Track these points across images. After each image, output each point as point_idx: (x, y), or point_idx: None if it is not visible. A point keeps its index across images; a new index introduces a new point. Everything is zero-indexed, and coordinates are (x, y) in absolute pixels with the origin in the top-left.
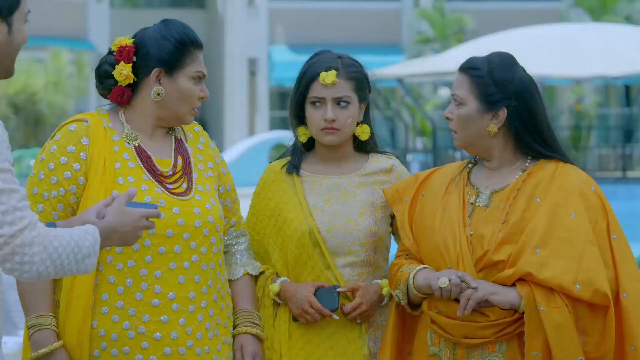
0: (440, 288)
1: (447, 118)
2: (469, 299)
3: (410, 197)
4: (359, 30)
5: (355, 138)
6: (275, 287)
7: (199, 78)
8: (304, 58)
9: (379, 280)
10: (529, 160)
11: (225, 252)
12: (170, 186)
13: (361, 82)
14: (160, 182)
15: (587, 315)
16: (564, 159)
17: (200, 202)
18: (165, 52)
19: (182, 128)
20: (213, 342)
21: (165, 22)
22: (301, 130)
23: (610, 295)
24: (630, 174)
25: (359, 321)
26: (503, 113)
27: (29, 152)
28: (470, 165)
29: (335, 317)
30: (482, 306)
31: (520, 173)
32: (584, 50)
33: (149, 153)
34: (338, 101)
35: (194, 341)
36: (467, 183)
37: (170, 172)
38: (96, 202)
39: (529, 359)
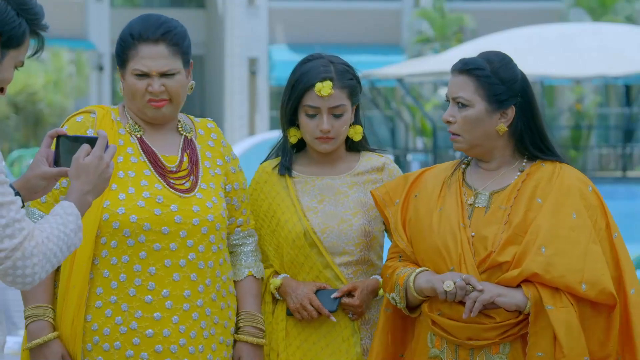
0: (446, 291)
1: (448, 122)
2: (475, 302)
3: (402, 198)
4: (359, 30)
5: (347, 138)
6: (277, 281)
7: (139, 75)
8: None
9: (379, 277)
10: (525, 161)
11: (231, 252)
12: (173, 182)
13: (354, 88)
14: (163, 177)
15: (590, 316)
16: (560, 159)
17: (201, 200)
18: (116, 48)
19: (193, 125)
20: (208, 341)
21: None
22: (292, 131)
23: (616, 295)
24: (631, 173)
25: (350, 316)
26: (512, 111)
27: (29, 152)
28: (463, 166)
29: (333, 319)
30: (487, 308)
31: (519, 173)
32: (584, 50)
33: (154, 149)
34: (333, 110)
35: (187, 339)
36: (463, 184)
37: (175, 169)
38: (101, 196)
39: (530, 359)
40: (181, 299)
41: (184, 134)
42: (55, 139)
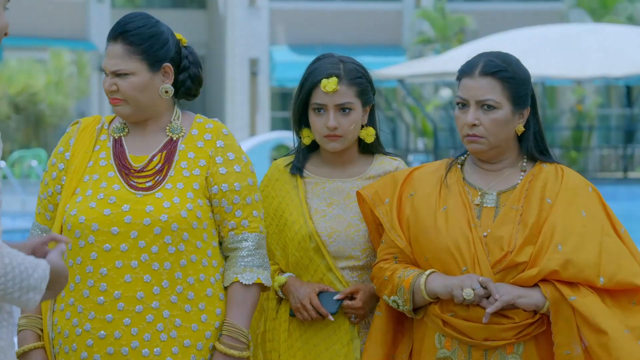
0: (465, 299)
1: (474, 125)
2: (494, 303)
3: (393, 197)
4: (360, 31)
5: (360, 140)
6: (281, 278)
7: (109, 72)
8: (305, 58)
9: None
10: (525, 162)
11: (227, 257)
12: (134, 182)
13: (364, 87)
14: (126, 177)
15: (611, 306)
16: (556, 160)
17: (159, 199)
18: None
19: (191, 124)
20: (167, 344)
21: None
22: (305, 132)
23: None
24: (632, 174)
25: (352, 319)
26: (527, 112)
27: (30, 152)
28: (459, 165)
29: (332, 318)
30: (505, 308)
31: (522, 173)
32: (585, 51)
33: (126, 148)
34: (340, 108)
35: (140, 342)
36: (465, 183)
37: (140, 168)
38: (65, 200)
39: (559, 357)
40: (133, 301)
41: (170, 135)
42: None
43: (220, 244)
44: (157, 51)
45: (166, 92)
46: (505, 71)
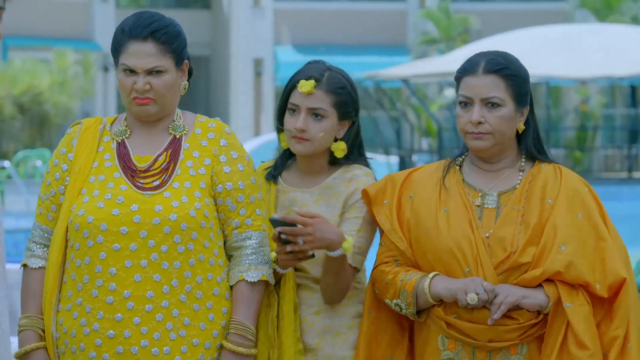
0: (468, 304)
1: (480, 123)
2: (500, 305)
3: (392, 199)
4: (364, 31)
5: (332, 152)
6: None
7: (126, 71)
8: (309, 58)
9: (346, 236)
10: (523, 162)
11: (231, 256)
12: (141, 182)
13: (343, 99)
14: (132, 178)
15: (599, 313)
16: (552, 160)
17: (167, 199)
18: (111, 43)
19: (194, 124)
20: (176, 343)
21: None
22: (283, 136)
23: (626, 276)
24: (636, 174)
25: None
26: (527, 110)
27: (35, 152)
28: (457, 167)
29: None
30: (510, 310)
31: (521, 174)
32: (589, 51)
33: (130, 149)
34: (313, 112)
35: (150, 341)
36: (465, 184)
37: (146, 168)
38: (70, 201)
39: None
40: (143, 300)
41: (173, 133)
42: None
43: (224, 243)
44: (183, 49)
45: (184, 88)
46: (508, 69)
